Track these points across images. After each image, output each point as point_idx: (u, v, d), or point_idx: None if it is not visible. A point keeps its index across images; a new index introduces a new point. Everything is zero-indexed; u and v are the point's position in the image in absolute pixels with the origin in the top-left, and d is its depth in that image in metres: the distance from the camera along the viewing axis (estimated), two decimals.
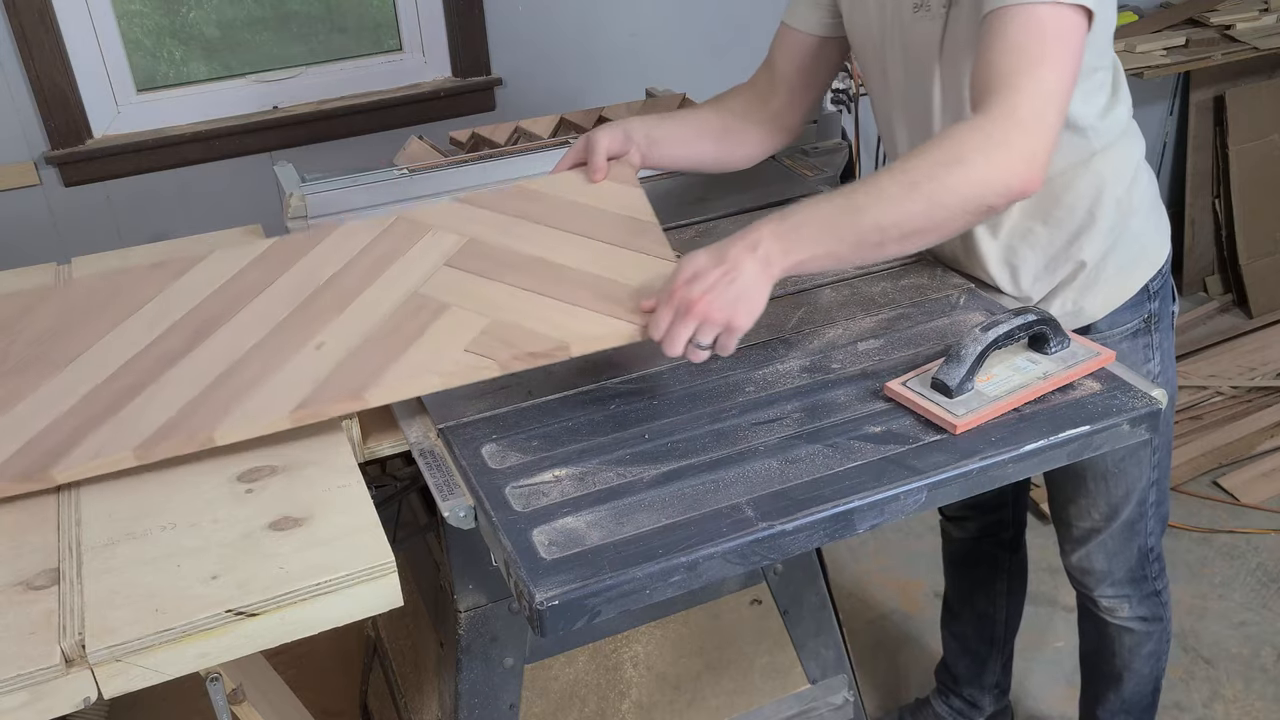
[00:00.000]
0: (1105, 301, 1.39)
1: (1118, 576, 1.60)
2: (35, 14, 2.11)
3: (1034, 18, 1.11)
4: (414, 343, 1.15)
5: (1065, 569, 1.66)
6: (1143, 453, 1.48)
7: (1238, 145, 3.21)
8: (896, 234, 1.09)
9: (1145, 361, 1.44)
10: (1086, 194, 1.32)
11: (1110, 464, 1.48)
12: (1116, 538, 1.55)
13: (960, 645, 1.97)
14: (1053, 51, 1.11)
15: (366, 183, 1.60)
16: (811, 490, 1.04)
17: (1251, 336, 3.14)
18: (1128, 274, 1.39)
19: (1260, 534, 2.47)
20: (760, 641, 1.55)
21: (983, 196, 1.08)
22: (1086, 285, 1.37)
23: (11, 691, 0.87)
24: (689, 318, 1.08)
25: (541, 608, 0.93)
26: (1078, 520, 1.56)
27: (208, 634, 0.92)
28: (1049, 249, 1.35)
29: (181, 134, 2.30)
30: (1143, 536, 1.57)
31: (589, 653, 1.47)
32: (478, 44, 2.48)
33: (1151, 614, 1.65)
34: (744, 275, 1.08)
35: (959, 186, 1.08)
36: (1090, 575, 1.61)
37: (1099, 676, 1.76)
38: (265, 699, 1.17)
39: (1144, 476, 1.50)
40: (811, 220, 1.10)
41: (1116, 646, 1.69)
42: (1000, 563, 1.87)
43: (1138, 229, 1.38)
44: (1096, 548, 1.57)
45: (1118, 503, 1.52)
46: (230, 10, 2.34)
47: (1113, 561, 1.58)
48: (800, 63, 1.46)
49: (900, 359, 1.24)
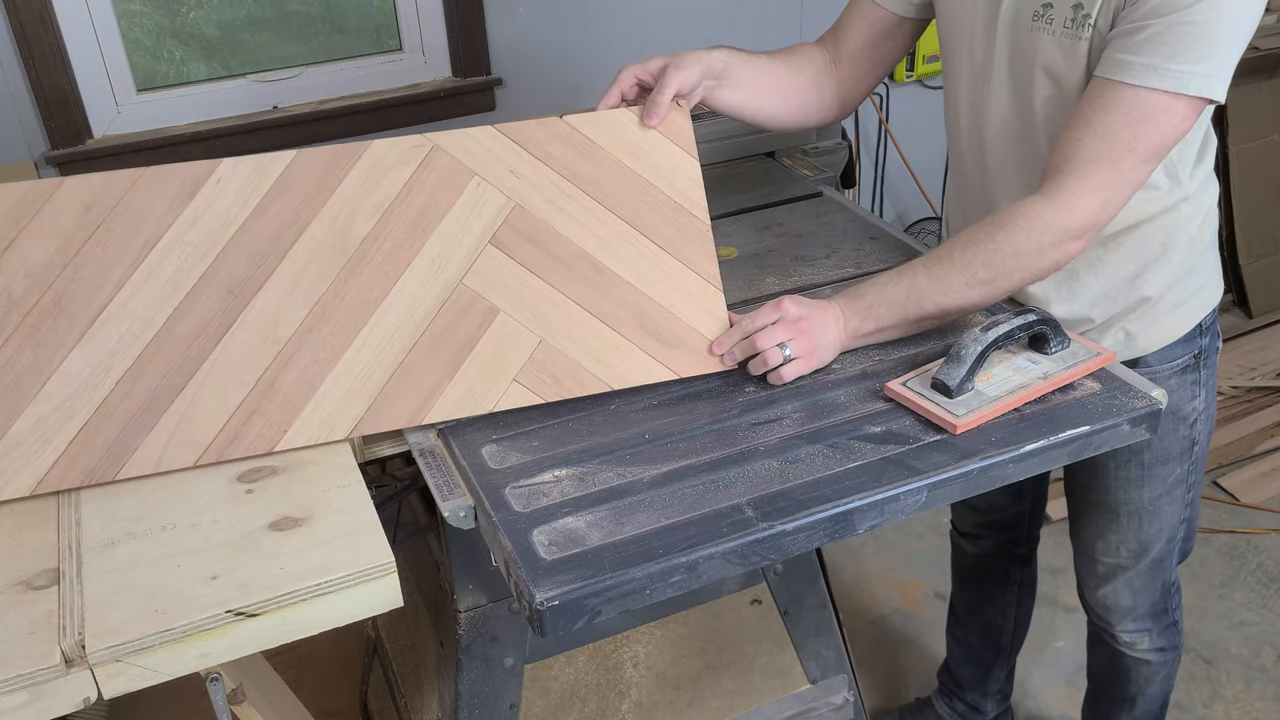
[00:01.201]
0: (1163, 335, 1.36)
1: (1140, 612, 1.57)
2: (35, 14, 2.11)
3: (1145, 105, 1.12)
4: (464, 361, 1.15)
5: (1085, 603, 1.63)
6: (1178, 491, 1.46)
7: (1238, 145, 3.21)
8: (956, 312, 1.23)
9: (1192, 399, 1.41)
10: (1163, 231, 1.31)
11: (1146, 502, 1.46)
12: (1143, 575, 1.53)
13: (965, 652, 1.96)
14: (1146, 143, 1.13)
15: None
16: (811, 490, 1.04)
17: (1251, 336, 3.15)
18: (1187, 309, 1.37)
19: (1260, 534, 2.47)
20: (760, 641, 1.55)
21: (1034, 277, 1.20)
22: (1145, 317, 1.35)
23: (11, 691, 0.87)
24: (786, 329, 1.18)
25: (541, 608, 0.93)
26: (1104, 556, 1.53)
27: (208, 634, 0.92)
28: (1113, 277, 1.33)
29: (181, 134, 2.30)
30: (1168, 572, 1.54)
31: (589, 653, 1.47)
32: (478, 44, 2.48)
33: (1169, 644, 1.63)
34: (829, 331, 1.21)
35: (1014, 274, 1.19)
36: (1113, 612, 1.58)
37: (1110, 699, 1.73)
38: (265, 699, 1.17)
39: (1178, 514, 1.48)
40: (881, 301, 1.21)
41: (1132, 675, 1.66)
42: (1012, 576, 1.85)
43: (1202, 266, 1.37)
44: (1123, 585, 1.55)
45: (1149, 540, 1.49)
46: (230, 10, 2.34)
47: (1137, 598, 1.56)
48: (873, 38, 1.41)
49: (900, 359, 1.24)
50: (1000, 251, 1.17)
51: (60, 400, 1.07)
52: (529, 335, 1.17)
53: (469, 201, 1.20)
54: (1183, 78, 1.10)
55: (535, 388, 1.15)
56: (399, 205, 1.18)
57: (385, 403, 1.12)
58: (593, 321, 1.19)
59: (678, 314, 1.21)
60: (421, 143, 1.21)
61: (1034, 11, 1.22)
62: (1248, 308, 3.25)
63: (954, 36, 1.34)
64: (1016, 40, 1.25)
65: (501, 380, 1.15)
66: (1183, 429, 1.42)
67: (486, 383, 1.14)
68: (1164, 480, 1.44)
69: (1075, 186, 1.15)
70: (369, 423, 1.11)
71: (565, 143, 1.24)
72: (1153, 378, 1.32)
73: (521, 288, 1.19)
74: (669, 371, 1.19)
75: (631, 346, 1.19)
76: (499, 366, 1.15)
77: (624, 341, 1.19)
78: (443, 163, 1.20)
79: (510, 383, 1.14)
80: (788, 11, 2.68)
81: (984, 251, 1.18)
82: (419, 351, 1.14)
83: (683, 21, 2.65)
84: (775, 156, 1.83)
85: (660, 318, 1.21)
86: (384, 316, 1.15)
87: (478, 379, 1.15)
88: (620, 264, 1.22)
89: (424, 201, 1.19)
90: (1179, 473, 1.45)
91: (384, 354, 1.14)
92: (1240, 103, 3.19)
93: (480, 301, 1.17)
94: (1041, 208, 1.16)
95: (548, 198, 1.22)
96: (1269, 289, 3.27)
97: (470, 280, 1.18)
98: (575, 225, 1.22)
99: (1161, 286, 1.33)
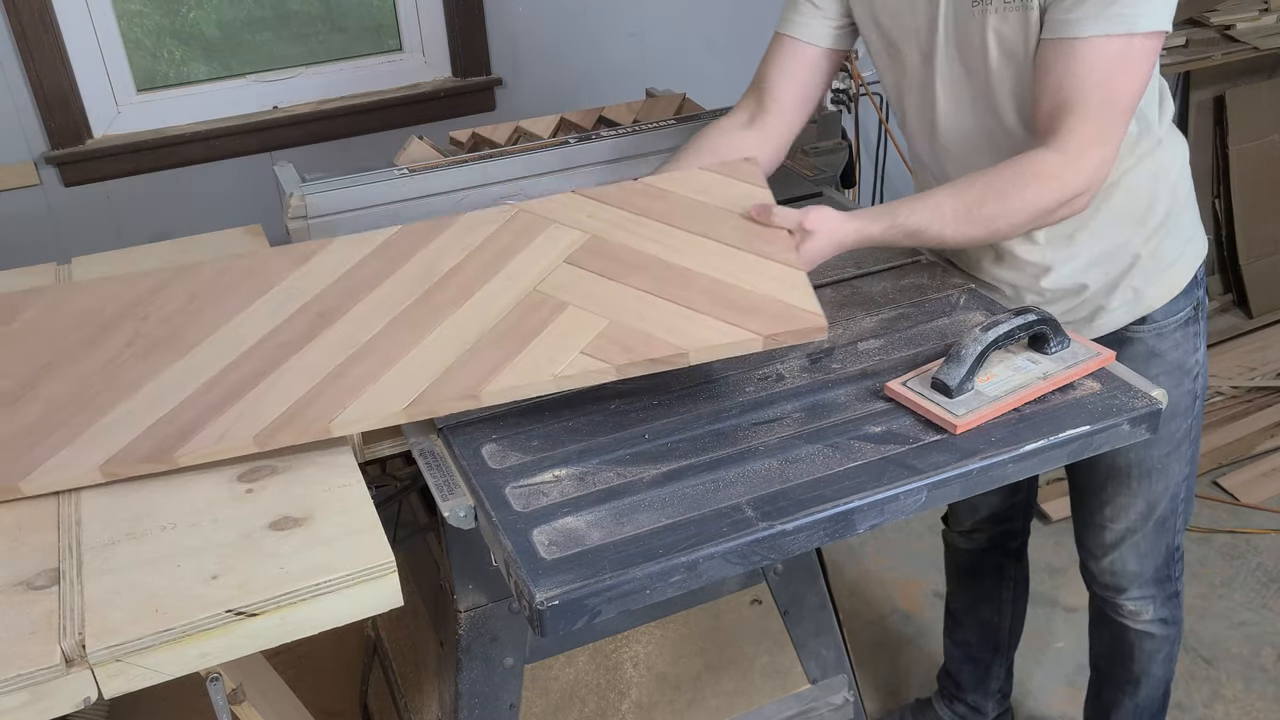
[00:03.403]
0: (1168, 289, 1.40)
1: (1146, 577, 1.59)
2: (35, 14, 2.11)
3: (1105, 54, 1.15)
4: (530, 342, 1.14)
5: (1090, 575, 1.64)
6: (1184, 446, 1.49)
7: (1238, 145, 3.21)
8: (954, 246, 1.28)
9: (1194, 351, 1.45)
10: (1145, 183, 1.34)
11: (1155, 461, 1.48)
12: (1149, 537, 1.55)
13: (964, 653, 1.97)
14: (1122, 92, 1.18)
15: (366, 183, 1.60)
16: (811, 490, 1.04)
17: (1251, 336, 3.14)
18: (1185, 262, 1.41)
19: (1260, 534, 2.47)
20: (760, 641, 1.55)
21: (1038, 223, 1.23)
22: (1149, 273, 1.39)
23: (11, 691, 0.87)
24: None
25: (542, 608, 0.93)
26: (1114, 521, 1.55)
27: (208, 634, 0.92)
28: (1107, 235, 1.36)
29: (181, 134, 2.30)
30: (1171, 534, 1.57)
31: (589, 653, 1.47)
32: (478, 44, 2.48)
33: (1171, 616, 1.65)
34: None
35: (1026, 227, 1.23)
36: (1121, 577, 1.60)
37: (1114, 683, 1.74)
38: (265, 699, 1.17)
39: (1182, 471, 1.51)
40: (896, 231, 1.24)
41: (1136, 652, 1.67)
42: (1006, 572, 1.87)
43: (1188, 217, 1.41)
44: (1129, 549, 1.57)
45: (1155, 499, 1.52)
46: (230, 10, 2.34)
47: (1144, 562, 1.58)
48: (802, 77, 1.43)
49: (900, 359, 1.24)
50: (1025, 210, 1.20)
51: (149, 398, 1.14)
52: (597, 319, 1.16)
53: (548, 238, 1.29)
54: (1128, 19, 1.15)
55: (602, 355, 1.12)
56: (483, 248, 1.29)
57: (444, 382, 1.12)
58: (666, 304, 1.18)
59: (757, 290, 1.18)
60: (509, 209, 1.34)
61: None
62: (1248, 308, 3.25)
63: (896, 50, 1.37)
64: (961, 28, 1.27)
65: (567, 353, 1.12)
66: (1187, 382, 1.46)
67: (550, 355, 1.12)
68: (1173, 436, 1.48)
69: (1076, 134, 1.18)
70: (427, 400, 1.10)
71: (640, 194, 1.34)
72: (1160, 333, 1.39)
73: (593, 288, 1.21)
74: (748, 333, 1.12)
75: (707, 317, 1.15)
76: (565, 343, 1.14)
77: (698, 314, 1.16)
78: (526, 218, 1.32)
79: (576, 354, 1.12)
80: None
81: (1008, 208, 1.20)
82: (485, 341, 1.16)
83: (682, 21, 2.65)
84: None
85: (738, 296, 1.17)
86: (456, 318, 1.19)
87: (542, 354, 1.13)
88: (694, 261, 1.23)
89: (506, 243, 1.29)
90: (1185, 427, 1.48)
91: (450, 345, 1.16)
92: (1240, 103, 3.19)
93: (551, 300, 1.20)
94: (1048, 151, 1.19)
95: (622, 228, 1.29)
96: (1269, 289, 3.27)
97: (543, 286, 1.22)
98: (649, 242, 1.27)
99: (1155, 242, 1.37)
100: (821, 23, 1.40)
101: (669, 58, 2.67)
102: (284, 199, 1.57)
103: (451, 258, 1.27)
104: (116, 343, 1.21)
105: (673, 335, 1.13)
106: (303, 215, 1.56)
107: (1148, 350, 1.42)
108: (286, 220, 1.56)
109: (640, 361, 1.11)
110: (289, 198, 1.56)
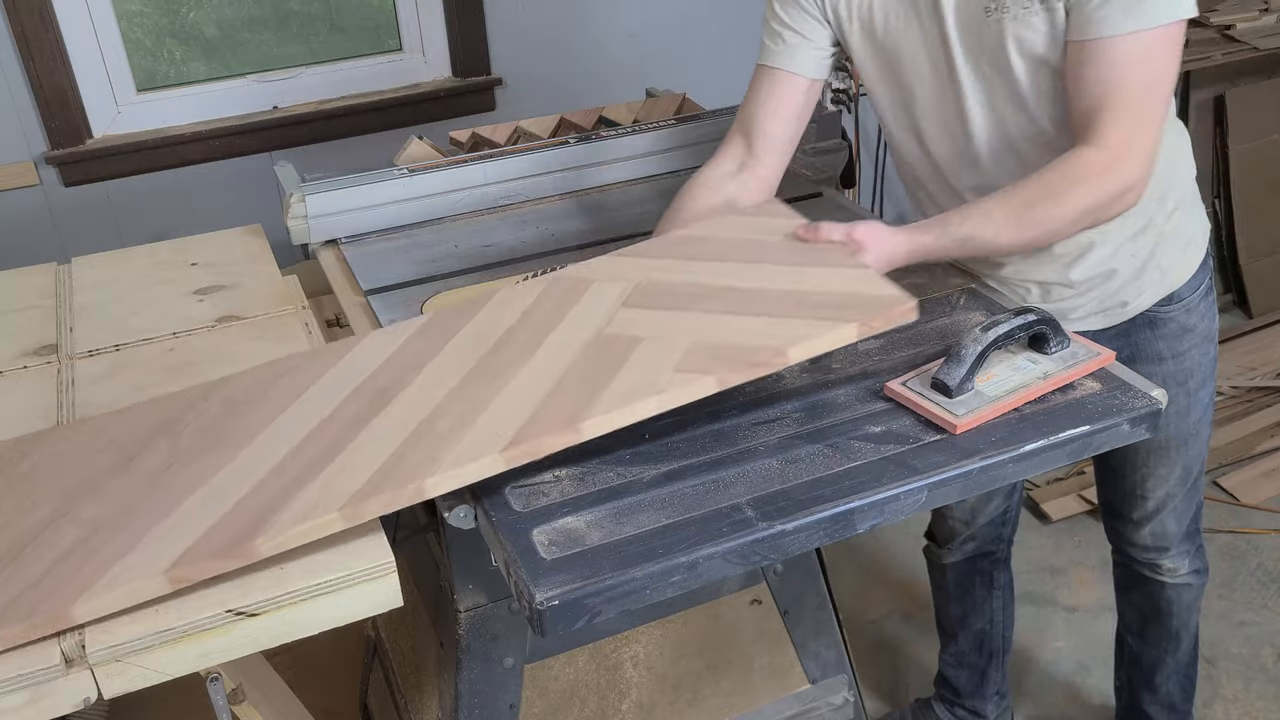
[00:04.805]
0: (1189, 264, 1.44)
1: (1182, 533, 1.63)
2: (35, 14, 2.11)
3: (1134, 50, 1.16)
4: (619, 370, 1.07)
5: (1129, 543, 1.67)
6: (1210, 408, 1.54)
7: (1238, 145, 3.21)
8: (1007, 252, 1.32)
9: (1214, 318, 1.50)
10: (1165, 164, 1.35)
11: (1190, 427, 1.52)
12: (1185, 498, 1.59)
13: (959, 662, 1.97)
14: (1158, 84, 1.19)
15: (366, 183, 1.60)
16: (811, 490, 1.04)
17: (1251, 336, 3.14)
18: (1199, 236, 1.46)
19: (1260, 534, 2.47)
20: (760, 641, 1.55)
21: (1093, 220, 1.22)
22: (1171, 251, 1.42)
23: (11, 691, 0.87)
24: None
25: (541, 608, 0.93)
26: (1155, 490, 1.58)
27: (208, 634, 0.92)
28: (1134, 221, 1.37)
29: (181, 134, 2.30)
30: (1201, 489, 1.61)
31: (589, 653, 1.47)
32: (478, 44, 2.48)
33: (1202, 564, 1.69)
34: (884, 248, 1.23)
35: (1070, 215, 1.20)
36: (1163, 539, 1.63)
37: (1153, 643, 1.76)
38: (265, 699, 1.17)
39: (1208, 430, 1.56)
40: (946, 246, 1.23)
41: (1175, 607, 1.70)
42: (995, 580, 1.87)
43: (1195, 195, 1.46)
44: (1169, 513, 1.60)
45: (1191, 463, 1.56)
46: (230, 10, 2.34)
47: (1181, 521, 1.62)
48: (792, 111, 1.39)
49: (900, 359, 1.24)
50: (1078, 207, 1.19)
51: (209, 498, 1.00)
52: (679, 342, 1.10)
53: (595, 294, 1.22)
54: (1153, 11, 1.15)
55: (699, 368, 1.05)
56: (530, 312, 1.21)
57: (539, 419, 1.03)
58: (747, 318, 1.13)
59: (835, 290, 1.14)
60: (543, 280, 1.28)
61: (984, 7, 1.24)
62: (1248, 308, 3.25)
63: (899, 67, 1.34)
64: (975, 37, 1.26)
65: (662, 373, 1.06)
66: (1212, 349, 1.51)
67: (646, 378, 1.06)
68: (1202, 402, 1.53)
69: (1117, 133, 1.18)
70: (525, 440, 1.01)
71: (680, 243, 1.30)
72: (1188, 309, 1.45)
73: (664, 320, 1.15)
74: (842, 323, 1.08)
75: (794, 320, 1.11)
76: (655, 366, 1.07)
77: (785, 319, 1.11)
78: (564, 284, 1.25)
79: (671, 373, 1.06)
80: None
81: (1061, 209, 1.19)
82: (569, 380, 1.08)
83: (682, 21, 2.65)
84: None
85: (819, 298, 1.14)
86: (530, 367, 1.12)
87: (637, 378, 1.06)
88: (762, 283, 1.18)
89: (553, 305, 1.22)
90: (1210, 389, 1.53)
91: (533, 389, 1.08)
92: (1240, 103, 3.19)
93: (623, 337, 1.13)
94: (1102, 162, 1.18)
95: (673, 272, 1.23)
96: (1269, 289, 3.27)
97: (610, 329, 1.15)
98: (707, 276, 1.21)
99: (1177, 218, 1.41)
100: (809, 53, 1.36)
101: (669, 58, 2.67)
102: (284, 199, 1.57)
103: (502, 324, 1.19)
104: (154, 460, 1.06)
105: (765, 339, 1.08)
106: (303, 215, 1.56)
107: (1180, 326, 1.46)
108: (286, 220, 1.56)
109: (740, 366, 1.05)
110: (289, 198, 1.56)
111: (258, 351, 1.32)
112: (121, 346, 1.34)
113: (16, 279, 1.52)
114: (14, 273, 1.53)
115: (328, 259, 1.57)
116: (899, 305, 1.10)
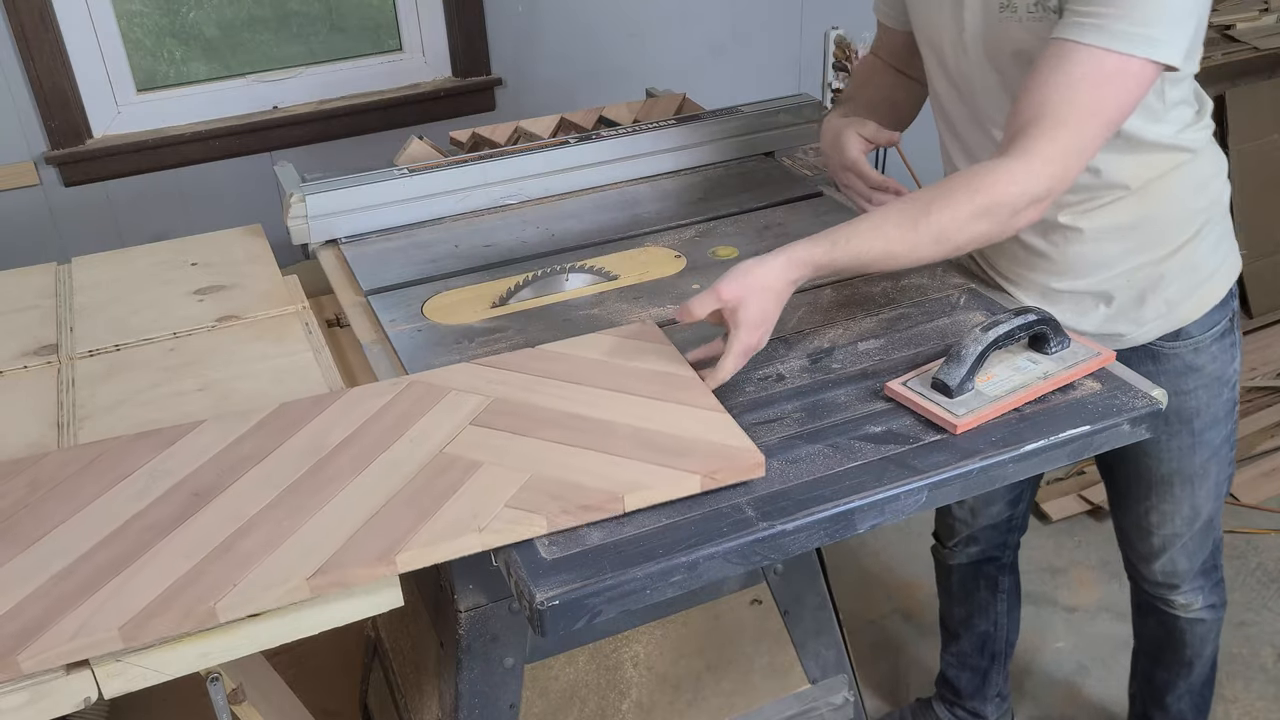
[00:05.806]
0: (1201, 302, 1.38)
1: (1195, 571, 1.61)
2: (35, 14, 2.11)
3: (1101, 66, 1.10)
4: (447, 500, 1.03)
5: (1140, 575, 1.65)
6: (1224, 450, 1.49)
7: (1238, 145, 3.21)
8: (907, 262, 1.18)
9: (1231, 361, 1.44)
10: (1182, 196, 1.32)
11: (1197, 467, 1.48)
12: (1198, 538, 1.56)
13: (961, 663, 1.97)
14: (1106, 108, 1.12)
15: (366, 183, 1.60)
16: (811, 490, 1.04)
17: (1251, 336, 3.14)
18: (1220, 277, 1.39)
19: (1260, 534, 2.47)
20: (760, 641, 1.55)
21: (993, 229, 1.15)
22: (1181, 287, 1.36)
23: (11, 692, 0.87)
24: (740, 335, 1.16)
25: (542, 608, 0.93)
26: (1160, 528, 1.55)
27: (208, 634, 0.92)
28: (1142, 253, 1.33)
29: (181, 134, 2.30)
30: (1218, 529, 1.58)
31: (589, 653, 1.47)
32: (478, 44, 2.48)
33: (1220, 599, 1.66)
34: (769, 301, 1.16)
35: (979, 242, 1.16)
36: (1174, 576, 1.61)
37: (1166, 667, 1.75)
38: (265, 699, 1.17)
39: (1223, 472, 1.51)
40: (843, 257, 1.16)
41: (1189, 639, 1.68)
42: (1000, 584, 1.87)
43: (1223, 233, 1.39)
44: (1179, 551, 1.57)
45: (1200, 504, 1.52)
46: (230, 10, 2.34)
47: (1193, 559, 1.59)
48: (901, 54, 1.50)
49: (900, 359, 1.24)
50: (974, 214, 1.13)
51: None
52: (518, 473, 1.06)
53: (448, 404, 1.18)
54: (1131, 39, 1.09)
55: (530, 506, 1.02)
56: (377, 418, 1.16)
57: (353, 547, 0.98)
58: (590, 453, 1.09)
59: (684, 434, 1.10)
60: (400, 380, 1.22)
61: (1000, 3, 1.23)
62: (1248, 308, 3.25)
63: (925, 38, 1.37)
64: (990, 32, 1.26)
65: (491, 507, 1.02)
66: (1225, 392, 1.45)
67: (473, 510, 1.02)
68: (1212, 444, 1.48)
69: (1042, 150, 1.12)
70: (333, 570, 0.95)
71: (538, 358, 1.25)
72: (1196, 348, 1.38)
73: (508, 445, 1.11)
74: (684, 473, 1.05)
75: (635, 462, 1.07)
76: (486, 498, 1.03)
77: (626, 460, 1.07)
78: (420, 388, 1.21)
79: (501, 507, 1.02)
80: (789, 12, 2.68)
81: (959, 218, 1.13)
82: (395, 504, 1.03)
83: (682, 21, 2.65)
84: (775, 156, 1.83)
85: (664, 440, 1.10)
86: (358, 483, 1.07)
87: (463, 510, 1.02)
88: (611, 413, 1.15)
89: (402, 412, 1.17)
90: (1224, 433, 1.48)
91: (354, 511, 1.03)
92: (1240, 103, 3.19)
93: (462, 459, 1.09)
94: (1016, 173, 1.13)
95: (527, 389, 1.20)
96: (1269, 289, 3.27)
97: (451, 449, 1.11)
98: (558, 399, 1.18)
99: (1186, 253, 1.34)
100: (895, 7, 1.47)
101: (669, 58, 2.67)
102: (284, 199, 1.57)
103: (342, 430, 1.14)
104: None
105: (604, 481, 1.04)
106: (303, 215, 1.56)
107: (1185, 365, 1.41)
108: (286, 220, 1.56)
109: (573, 509, 1.01)
110: (289, 198, 1.56)
111: (258, 351, 1.32)
112: (121, 346, 1.34)
113: (16, 279, 1.52)
114: (14, 273, 1.53)
115: (328, 259, 1.57)
116: (747, 460, 1.06)
